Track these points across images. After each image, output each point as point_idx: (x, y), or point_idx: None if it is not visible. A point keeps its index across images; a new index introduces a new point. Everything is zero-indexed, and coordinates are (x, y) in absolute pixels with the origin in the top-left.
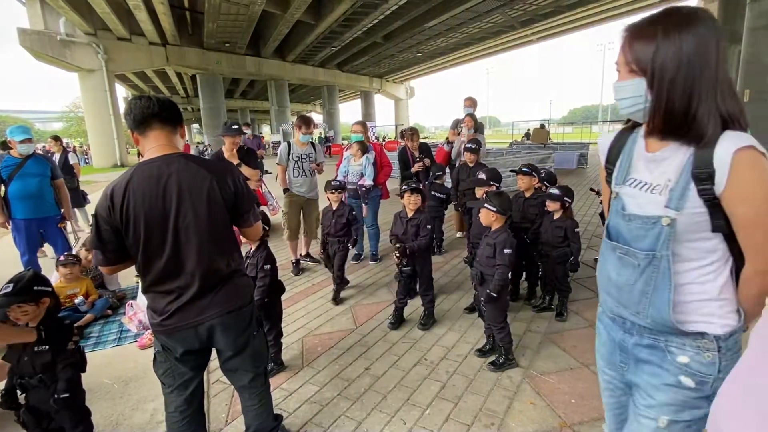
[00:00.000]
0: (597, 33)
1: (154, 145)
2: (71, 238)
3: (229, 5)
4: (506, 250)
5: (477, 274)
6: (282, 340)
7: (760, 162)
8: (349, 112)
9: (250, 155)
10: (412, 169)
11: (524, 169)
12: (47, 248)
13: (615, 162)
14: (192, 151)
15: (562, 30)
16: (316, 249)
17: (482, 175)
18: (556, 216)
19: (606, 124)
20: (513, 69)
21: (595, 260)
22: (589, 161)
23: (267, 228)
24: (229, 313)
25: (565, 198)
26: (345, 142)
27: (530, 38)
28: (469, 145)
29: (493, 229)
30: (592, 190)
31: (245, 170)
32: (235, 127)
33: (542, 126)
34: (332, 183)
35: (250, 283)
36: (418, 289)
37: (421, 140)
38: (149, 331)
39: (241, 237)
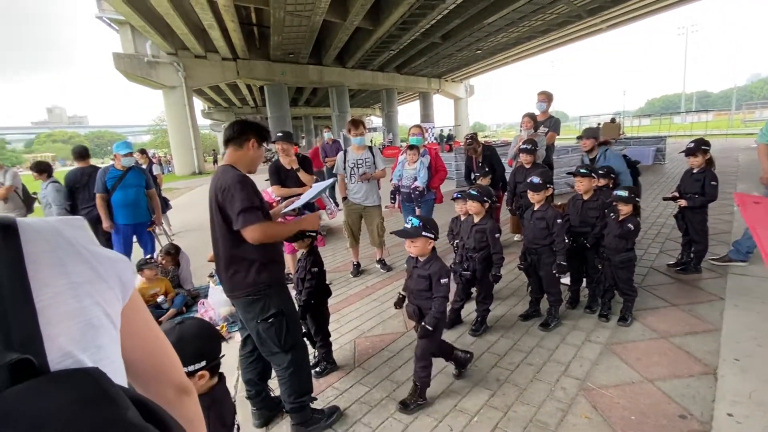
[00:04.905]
0: (676, 15)
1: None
2: (163, 238)
3: (292, 18)
4: (443, 280)
5: (415, 310)
6: (336, 341)
7: None
8: (407, 113)
9: (306, 162)
10: (479, 182)
11: (582, 171)
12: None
13: None
14: None
15: (635, 15)
16: (372, 254)
17: (536, 179)
18: (623, 217)
19: (690, 114)
20: (581, 59)
21: (668, 266)
22: (668, 156)
23: (313, 234)
24: (235, 296)
25: (637, 198)
26: (403, 144)
27: (599, 27)
28: (524, 146)
29: (424, 258)
30: (666, 198)
31: (302, 176)
32: (280, 134)
33: (613, 120)
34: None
35: (255, 281)
36: (475, 296)
37: (485, 141)
38: (218, 327)
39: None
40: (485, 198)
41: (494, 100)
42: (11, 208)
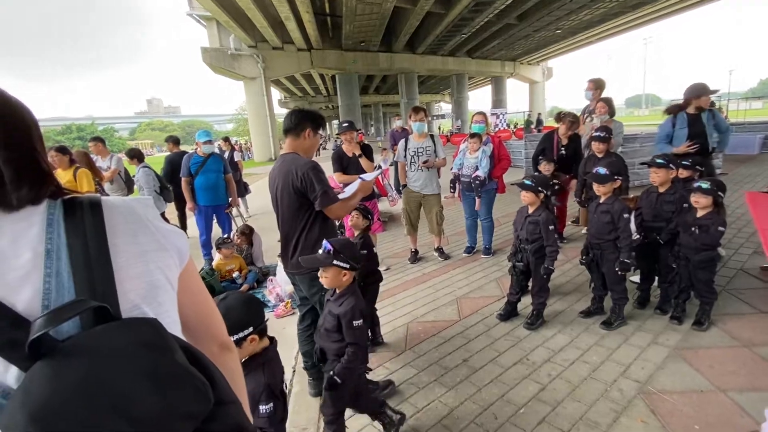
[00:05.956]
0: None
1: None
2: (239, 219)
3: (363, 5)
4: (356, 322)
5: (316, 351)
6: (390, 323)
7: None
8: (478, 99)
9: (367, 149)
10: (542, 169)
11: (659, 161)
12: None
13: None
14: (330, 145)
15: None
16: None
17: (602, 170)
18: (701, 213)
19: None
20: (678, 36)
21: (762, 268)
22: None
23: (369, 219)
24: (300, 272)
25: (719, 193)
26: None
27: None
28: (596, 134)
29: (339, 291)
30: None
31: (363, 162)
32: (344, 125)
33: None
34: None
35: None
36: (530, 289)
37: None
38: (284, 303)
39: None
40: (540, 188)
41: (574, 84)
42: (115, 188)
